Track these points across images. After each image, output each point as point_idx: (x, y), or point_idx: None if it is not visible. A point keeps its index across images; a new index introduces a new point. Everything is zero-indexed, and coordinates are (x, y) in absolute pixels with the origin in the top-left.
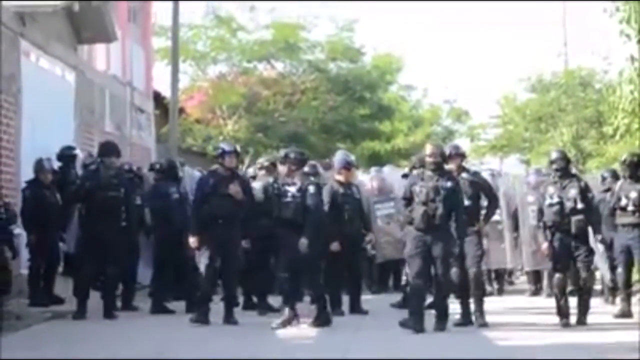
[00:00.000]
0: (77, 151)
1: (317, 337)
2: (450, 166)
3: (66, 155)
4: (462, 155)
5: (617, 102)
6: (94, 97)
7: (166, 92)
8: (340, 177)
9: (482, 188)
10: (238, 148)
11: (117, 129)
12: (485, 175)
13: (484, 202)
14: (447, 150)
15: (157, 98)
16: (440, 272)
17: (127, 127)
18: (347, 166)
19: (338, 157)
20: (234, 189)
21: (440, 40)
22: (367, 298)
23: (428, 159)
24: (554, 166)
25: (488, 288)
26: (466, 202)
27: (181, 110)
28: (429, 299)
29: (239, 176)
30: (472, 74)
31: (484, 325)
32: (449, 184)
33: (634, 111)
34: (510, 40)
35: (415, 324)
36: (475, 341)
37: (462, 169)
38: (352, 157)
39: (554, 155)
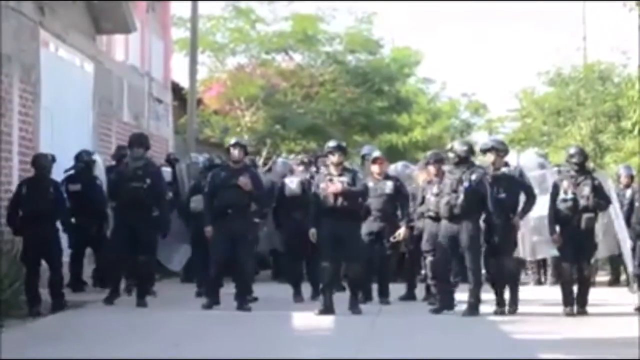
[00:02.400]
0: (96, 156)
1: (334, 329)
2: (489, 158)
3: (84, 161)
4: (504, 151)
5: (635, 96)
6: (112, 88)
7: (184, 83)
8: (373, 169)
9: (520, 184)
10: (246, 141)
11: (135, 120)
12: (535, 165)
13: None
14: (490, 144)
15: (176, 89)
16: (468, 260)
17: (145, 118)
18: (374, 160)
19: (369, 151)
20: (243, 180)
21: (459, 34)
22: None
23: (451, 155)
24: (573, 160)
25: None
26: (502, 195)
27: (199, 102)
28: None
29: (249, 169)
30: (491, 67)
31: (514, 312)
32: (473, 176)
33: None
34: (530, 33)
35: (445, 306)
36: (492, 337)
37: (503, 163)
38: (375, 152)
39: (573, 150)
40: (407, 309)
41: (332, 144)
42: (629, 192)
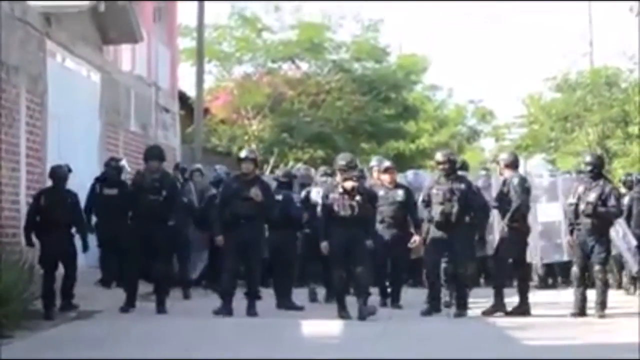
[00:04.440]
0: (123, 162)
1: (342, 337)
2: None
3: (115, 167)
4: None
5: None
6: (119, 97)
7: (191, 92)
8: (384, 179)
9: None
10: (257, 153)
11: (142, 129)
12: (546, 175)
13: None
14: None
15: (182, 98)
16: (459, 266)
17: (152, 127)
18: (385, 169)
19: (379, 162)
20: (255, 192)
21: (465, 40)
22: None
23: (439, 167)
24: (588, 167)
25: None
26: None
27: (206, 111)
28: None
29: (261, 180)
30: (498, 74)
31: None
32: (462, 186)
33: None
34: (536, 39)
35: (433, 309)
36: (501, 341)
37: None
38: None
39: (588, 158)
40: (417, 315)
41: (342, 161)
42: (627, 199)
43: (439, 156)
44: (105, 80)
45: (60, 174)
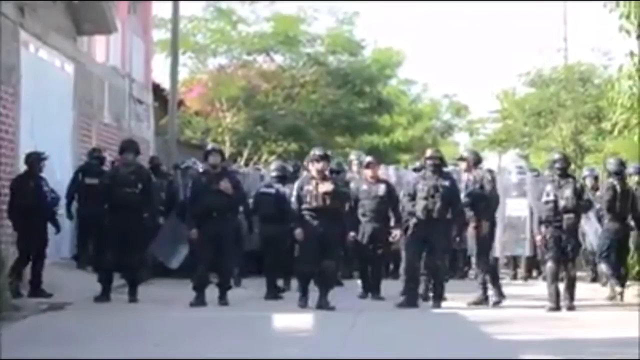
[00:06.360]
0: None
1: (314, 330)
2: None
3: (98, 157)
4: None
5: (616, 97)
6: (92, 89)
7: (165, 84)
8: (366, 173)
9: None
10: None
11: (115, 121)
12: (514, 173)
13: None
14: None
15: (157, 90)
16: (437, 258)
17: (125, 119)
18: (367, 165)
19: (358, 156)
20: (224, 185)
21: (440, 35)
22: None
23: (428, 162)
24: (556, 166)
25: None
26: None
27: (180, 103)
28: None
29: (229, 173)
30: (472, 69)
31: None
32: (446, 182)
33: (632, 107)
34: (510, 35)
35: (409, 302)
36: (475, 336)
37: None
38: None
39: (557, 156)
40: (389, 308)
41: (317, 152)
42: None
43: (428, 152)
44: (78, 71)
45: (28, 159)
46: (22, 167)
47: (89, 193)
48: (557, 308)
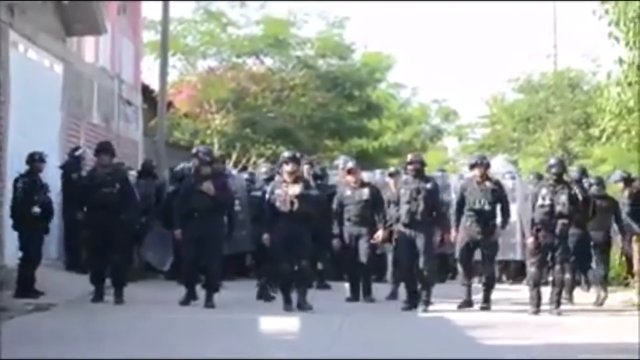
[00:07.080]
0: (83, 150)
1: (300, 333)
2: (474, 173)
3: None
4: (487, 165)
5: (604, 104)
6: (81, 89)
7: (155, 85)
8: (349, 179)
9: (500, 197)
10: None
11: (104, 122)
12: (506, 177)
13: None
14: (473, 160)
15: (146, 91)
16: (422, 262)
17: (114, 120)
18: (349, 171)
19: (344, 162)
20: (206, 186)
21: (430, 40)
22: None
23: (409, 167)
24: (552, 170)
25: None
26: (486, 207)
27: (169, 104)
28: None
29: (217, 175)
30: (462, 74)
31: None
32: (428, 185)
33: (620, 113)
34: (500, 40)
35: (409, 303)
36: (462, 341)
37: (485, 177)
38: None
39: (553, 161)
40: (376, 310)
41: (287, 154)
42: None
43: (409, 157)
44: (67, 72)
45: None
46: (10, 167)
47: (74, 193)
48: (539, 311)
